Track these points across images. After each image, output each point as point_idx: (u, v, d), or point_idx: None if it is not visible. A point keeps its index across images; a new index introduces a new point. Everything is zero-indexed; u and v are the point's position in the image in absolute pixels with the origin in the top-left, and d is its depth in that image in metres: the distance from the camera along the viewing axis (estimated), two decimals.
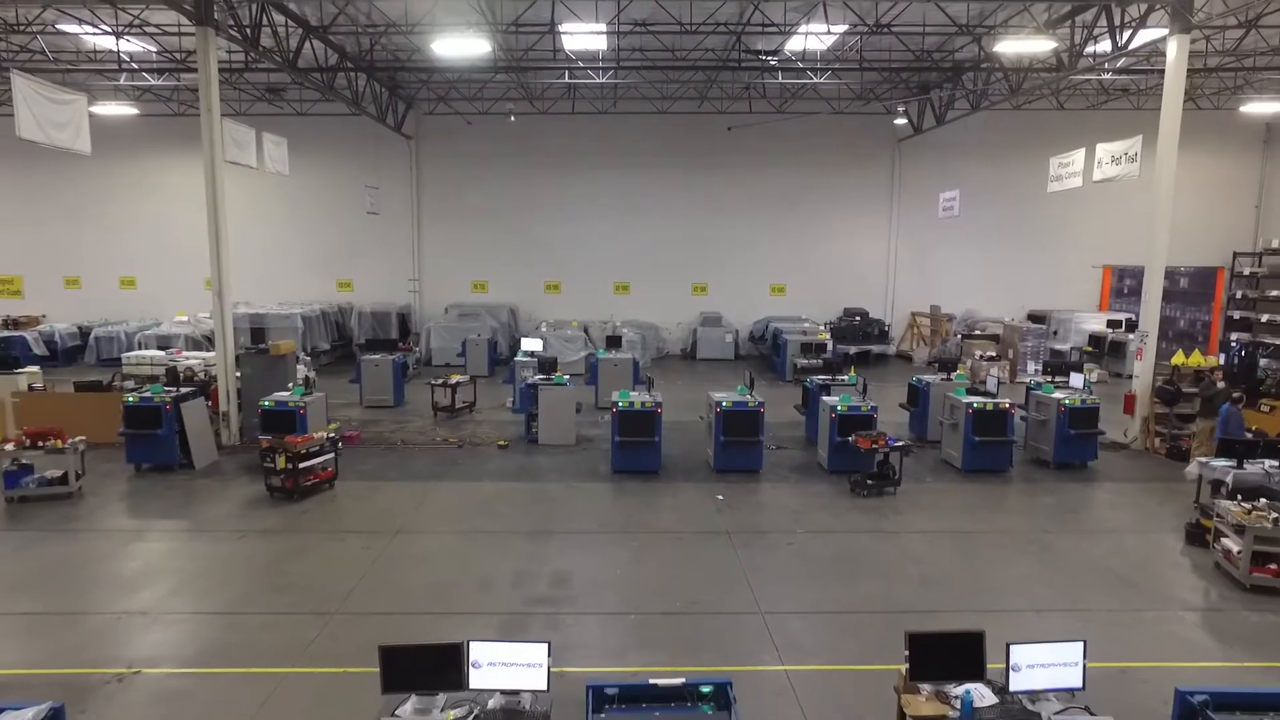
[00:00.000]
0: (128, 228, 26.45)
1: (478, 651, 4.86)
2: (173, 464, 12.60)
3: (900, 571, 9.09)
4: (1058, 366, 14.77)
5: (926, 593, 8.54)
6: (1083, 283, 27.19)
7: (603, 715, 4.33)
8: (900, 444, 11.90)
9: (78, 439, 11.40)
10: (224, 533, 10.14)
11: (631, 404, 12.61)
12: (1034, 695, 4.92)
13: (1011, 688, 4.90)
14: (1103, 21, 15.81)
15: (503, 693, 4.88)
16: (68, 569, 9.00)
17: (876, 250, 27.26)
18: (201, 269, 25.47)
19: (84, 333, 24.21)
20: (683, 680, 4.60)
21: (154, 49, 19.28)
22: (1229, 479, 10.30)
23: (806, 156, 26.29)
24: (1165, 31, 14.13)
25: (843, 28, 17.28)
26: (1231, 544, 8.73)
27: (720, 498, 11.58)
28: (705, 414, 13.69)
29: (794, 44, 18.57)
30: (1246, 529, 8.46)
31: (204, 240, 14.03)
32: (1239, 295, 26.58)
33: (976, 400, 12.86)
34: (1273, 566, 8.39)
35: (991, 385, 13.39)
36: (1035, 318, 26.02)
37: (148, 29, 17.87)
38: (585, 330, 24.42)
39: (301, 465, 11.16)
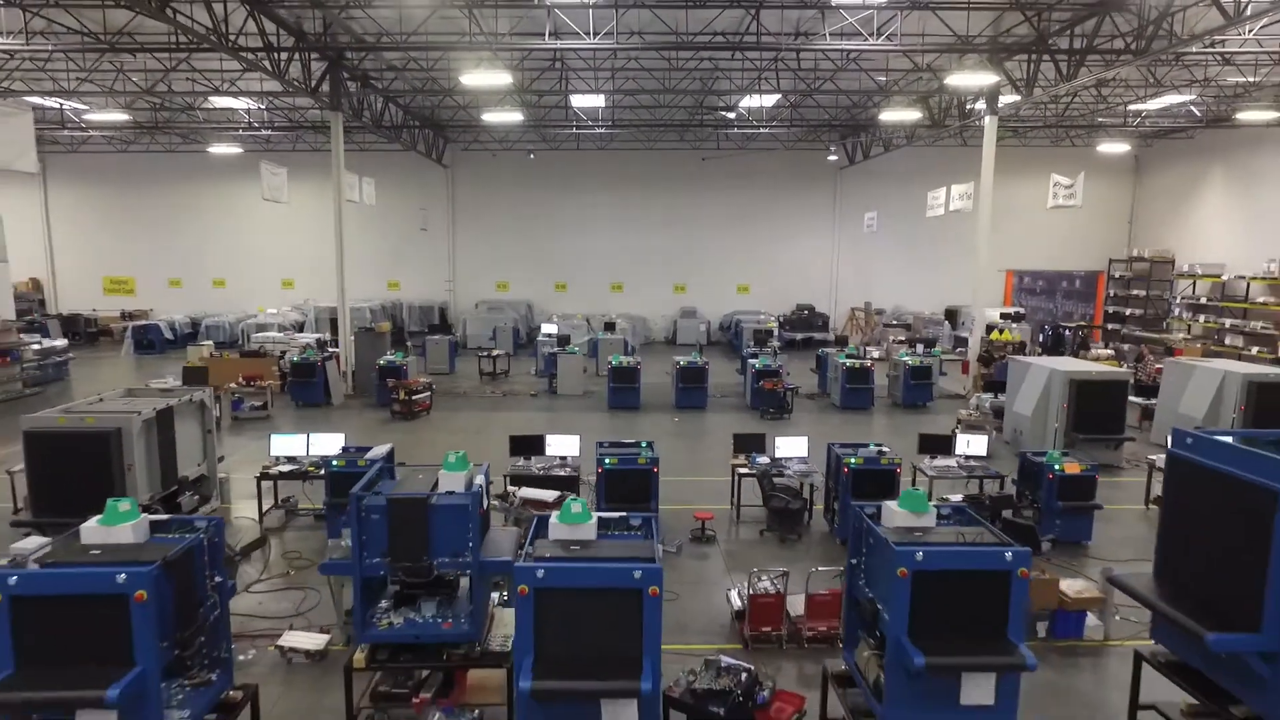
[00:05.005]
0: (220, 238, 33.01)
1: (550, 439, 11.40)
2: (319, 402, 19.15)
3: None
4: (914, 341, 21.33)
5: None
6: (991, 283, 33.63)
7: (600, 452, 10.80)
8: (792, 386, 18.48)
9: (269, 382, 17.95)
10: (372, 435, 16.67)
11: (622, 362, 19.17)
12: (786, 459, 11.47)
13: (775, 456, 11.46)
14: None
15: (559, 456, 11.42)
16: None
17: (822, 256, 33.85)
18: (278, 271, 32.47)
19: (194, 323, 30.70)
20: (635, 440, 11.15)
21: (264, 106, 25.87)
22: (987, 405, 16.93)
23: (765, 180, 32.92)
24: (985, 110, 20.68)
25: (775, 96, 23.87)
26: (960, 432, 15.28)
27: (676, 419, 18.15)
28: (669, 370, 20.23)
29: (745, 102, 25.13)
30: (962, 421, 15.03)
31: (281, 247, 20.82)
32: (1113, 294, 33.22)
33: (849, 360, 19.40)
34: None
35: (861, 352, 19.92)
36: (950, 312, 32.58)
37: (266, 94, 24.45)
38: (588, 321, 30.90)
39: (413, 398, 17.72)
